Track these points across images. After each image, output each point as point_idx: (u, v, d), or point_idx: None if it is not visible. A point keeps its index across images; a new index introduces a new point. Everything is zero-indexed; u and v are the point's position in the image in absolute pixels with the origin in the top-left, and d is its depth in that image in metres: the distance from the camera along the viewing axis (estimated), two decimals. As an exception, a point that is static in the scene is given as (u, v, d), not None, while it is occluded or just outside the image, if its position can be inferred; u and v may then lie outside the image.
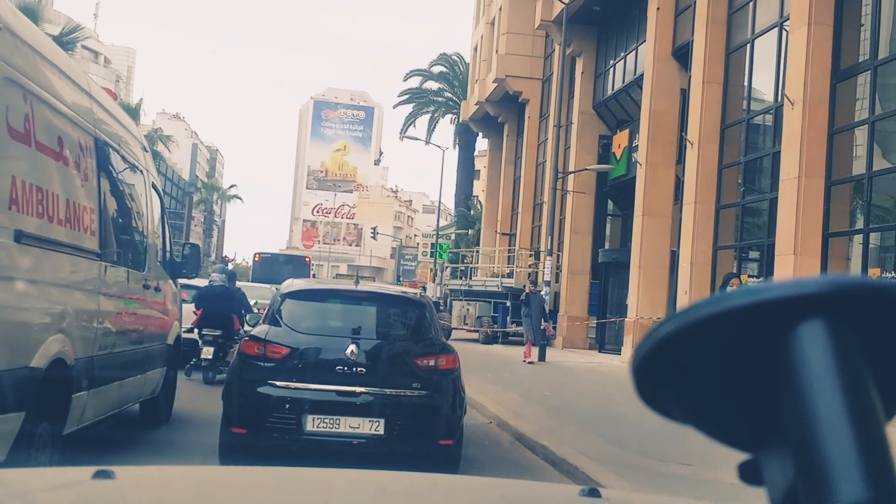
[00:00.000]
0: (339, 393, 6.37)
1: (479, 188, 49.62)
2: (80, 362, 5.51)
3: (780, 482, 0.58)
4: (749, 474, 0.62)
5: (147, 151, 8.27)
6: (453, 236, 44.32)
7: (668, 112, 20.28)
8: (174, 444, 7.60)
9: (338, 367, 6.41)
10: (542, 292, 20.40)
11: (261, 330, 6.84)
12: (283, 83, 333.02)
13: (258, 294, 21.04)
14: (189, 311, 11.64)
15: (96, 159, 6.04)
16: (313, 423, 6.27)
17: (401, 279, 63.59)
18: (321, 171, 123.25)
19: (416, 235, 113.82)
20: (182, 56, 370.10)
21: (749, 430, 0.61)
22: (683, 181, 18.57)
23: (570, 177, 27.04)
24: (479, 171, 51.44)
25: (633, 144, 23.52)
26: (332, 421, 6.28)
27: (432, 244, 43.04)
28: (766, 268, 15.48)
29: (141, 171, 7.69)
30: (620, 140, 24.59)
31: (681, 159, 20.45)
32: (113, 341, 6.37)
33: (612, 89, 24.93)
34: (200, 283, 15.11)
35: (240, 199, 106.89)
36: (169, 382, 8.36)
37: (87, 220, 5.72)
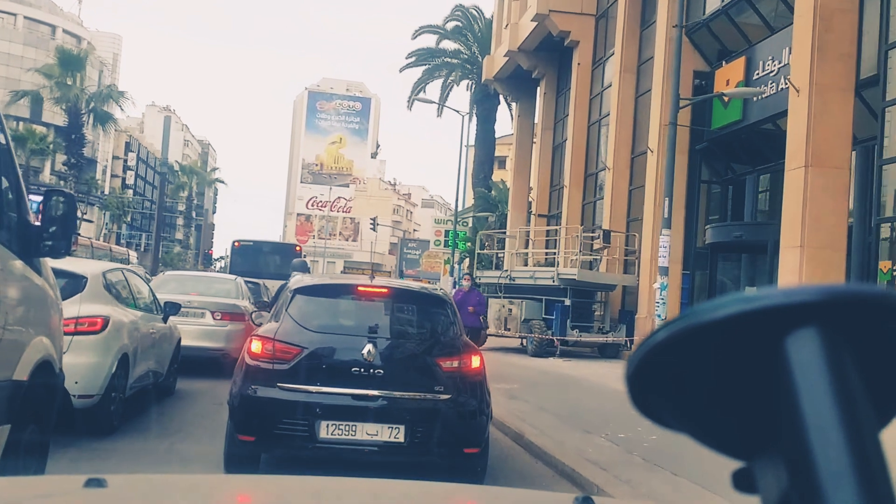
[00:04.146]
0: (354, 397, 5.93)
1: (499, 177, 42.57)
2: None
3: (774, 490, 0.58)
4: (743, 482, 0.62)
5: None
6: (470, 222, 37.19)
7: (845, 9, 13.29)
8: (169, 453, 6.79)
9: (353, 369, 5.97)
10: (657, 285, 13.35)
11: (269, 328, 6.28)
12: (277, 75, 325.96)
13: (218, 289, 13.97)
14: None
15: None
16: (327, 430, 5.84)
17: (403, 274, 56.55)
18: (316, 165, 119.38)
19: (415, 231, 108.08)
20: (174, 50, 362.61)
21: (743, 438, 0.61)
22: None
23: (648, 131, 20.04)
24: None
25: (755, 76, 16.59)
26: (347, 427, 5.85)
27: (446, 231, 35.97)
28: None
29: None
30: (730, 74, 17.66)
31: (858, 83, 13.52)
32: None
33: (721, 3, 17.89)
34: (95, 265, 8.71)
35: (223, 182, 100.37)
36: (25, 446, 4.49)
37: None
